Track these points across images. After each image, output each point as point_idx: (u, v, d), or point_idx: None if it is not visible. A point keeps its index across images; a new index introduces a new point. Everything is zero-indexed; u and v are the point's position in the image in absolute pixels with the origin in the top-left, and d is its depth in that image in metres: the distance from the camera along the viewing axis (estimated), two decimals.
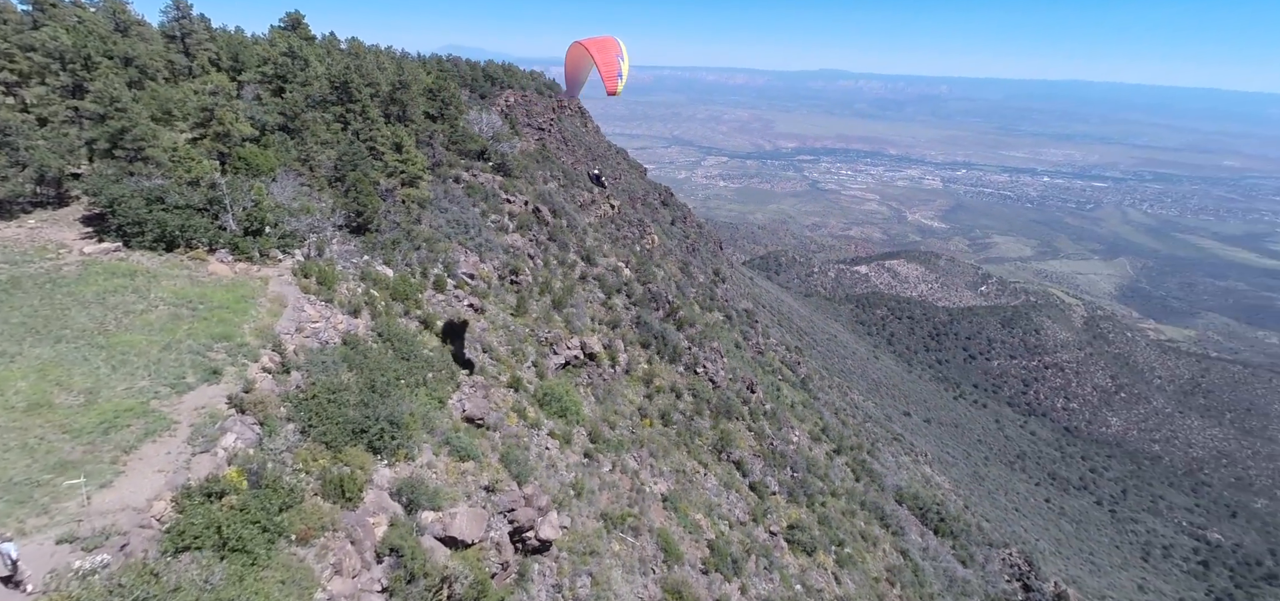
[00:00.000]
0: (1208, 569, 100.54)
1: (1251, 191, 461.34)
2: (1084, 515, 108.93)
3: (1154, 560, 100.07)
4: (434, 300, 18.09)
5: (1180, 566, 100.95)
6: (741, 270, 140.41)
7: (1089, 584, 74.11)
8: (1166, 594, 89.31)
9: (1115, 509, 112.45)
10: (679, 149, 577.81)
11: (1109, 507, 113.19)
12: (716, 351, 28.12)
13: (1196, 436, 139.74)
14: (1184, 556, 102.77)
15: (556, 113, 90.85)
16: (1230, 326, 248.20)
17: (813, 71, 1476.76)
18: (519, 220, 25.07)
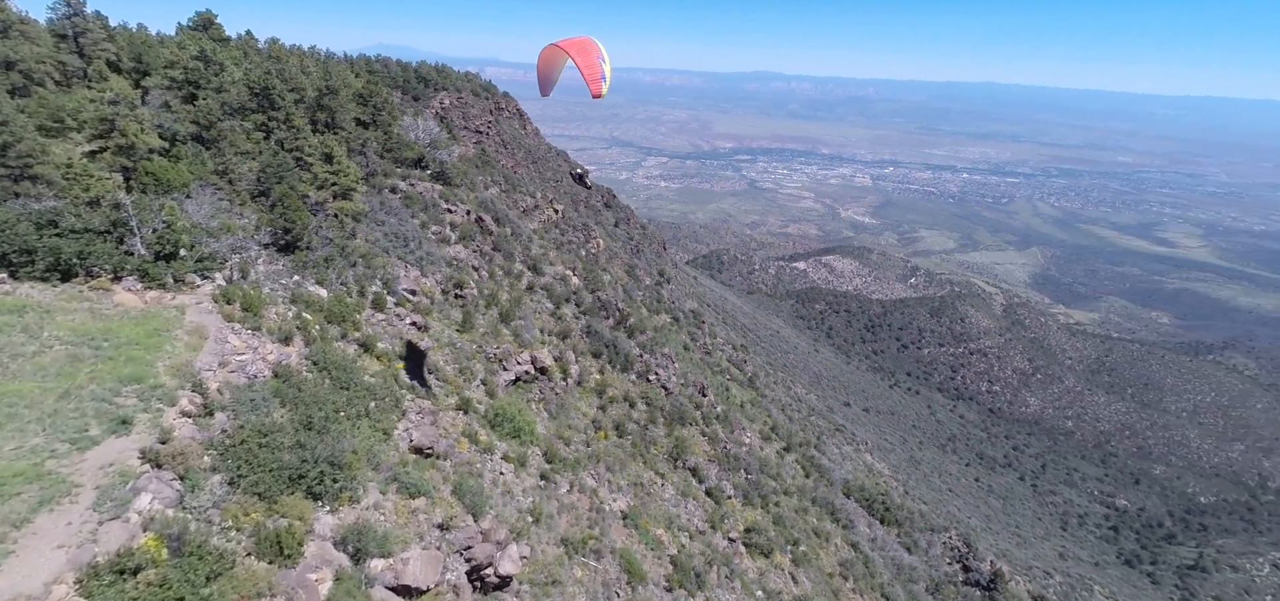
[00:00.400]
0: (1117, 533, 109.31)
1: (1142, 185, 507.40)
2: (1009, 491, 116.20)
3: (1071, 528, 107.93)
4: (374, 320, 17.04)
5: (1094, 532, 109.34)
6: (686, 270, 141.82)
7: (1017, 556, 78.95)
8: (1083, 559, 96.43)
9: (1036, 483, 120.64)
10: (619, 150, 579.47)
11: (1031, 482, 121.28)
12: (668, 357, 28.01)
13: (1103, 411, 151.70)
14: (1097, 523, 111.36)
15: (494, 115, 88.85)
16: (1128, 308, 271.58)
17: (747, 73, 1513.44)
18: (461, 231, 24.11)
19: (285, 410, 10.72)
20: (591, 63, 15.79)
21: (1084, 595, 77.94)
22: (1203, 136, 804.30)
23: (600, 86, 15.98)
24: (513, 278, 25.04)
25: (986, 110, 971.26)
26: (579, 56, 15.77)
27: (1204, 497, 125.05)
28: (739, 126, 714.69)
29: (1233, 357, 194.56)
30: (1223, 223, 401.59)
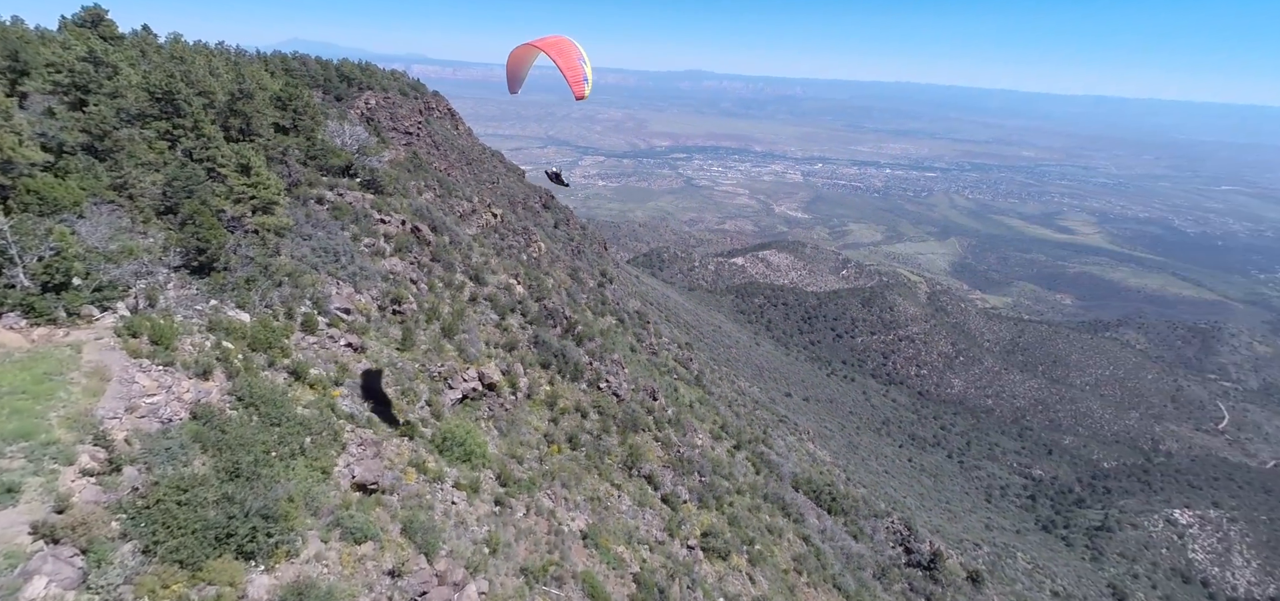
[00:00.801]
0: (1035, 502, 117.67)
1: (1043, 178, 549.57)
2: (939, 468, 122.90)
3: (995, 500, 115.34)
4: (305, 344, 15.74)
5: (1014, 502, 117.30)
6: (627, 269, 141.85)
7: (949, 531, 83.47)
8: (1006, 528, 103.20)
9: (962, 460, 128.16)
10: (555, 149, 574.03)
11: (957, 459, 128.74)
12: (617, 363, 27.62)
13: (1018, 389, 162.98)
14: (1016, 493, 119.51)
15: (424, 115, 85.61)
16: (1036, 292, 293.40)
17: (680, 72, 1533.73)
18: (396, 242, 22.82)
19: (207, 457, 9.57)
20: (573, 64, 15.32)
21: (1009, 562, 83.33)
22: (1093, 132, 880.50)
23: (583, 88, 15.33)
24: (454, 289, 23.94)
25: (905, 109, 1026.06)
26: (559, 57, 15.27)
27: (1107, 463, 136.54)
28: (674, 125, 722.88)
29: (1126, 334, 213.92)
30: (1113, 211, 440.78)
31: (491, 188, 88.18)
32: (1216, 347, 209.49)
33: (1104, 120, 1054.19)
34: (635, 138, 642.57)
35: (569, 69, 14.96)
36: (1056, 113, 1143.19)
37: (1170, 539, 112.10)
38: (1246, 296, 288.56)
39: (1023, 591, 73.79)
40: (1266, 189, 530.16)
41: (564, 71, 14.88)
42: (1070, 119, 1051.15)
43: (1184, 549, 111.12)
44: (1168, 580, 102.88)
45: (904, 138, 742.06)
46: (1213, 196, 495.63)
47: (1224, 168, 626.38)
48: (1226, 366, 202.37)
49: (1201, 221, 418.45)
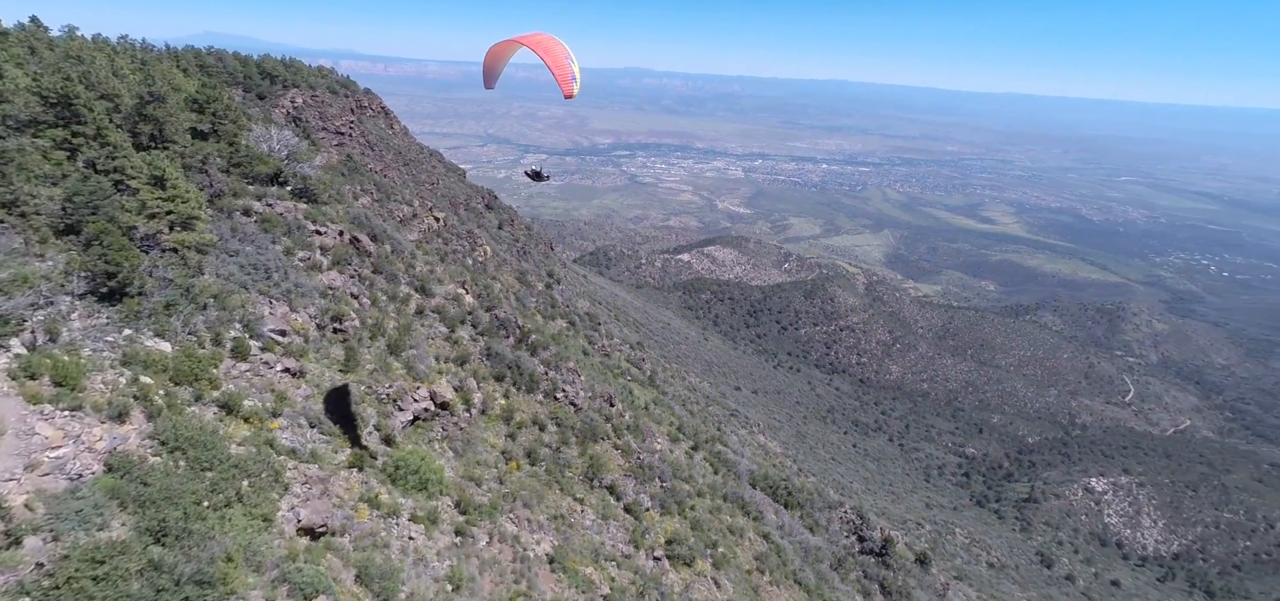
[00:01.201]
0: (969, 479, 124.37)
1: (967, 171, 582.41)
2: (881, 452, 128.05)
3: (933, 479, 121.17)
4: (236, 373, 14.38)
5: (950, 480, 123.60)
6: (574, 269, 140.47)
7: (893, 512, 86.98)
8: (944, 505, 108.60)
9: (902, 443, 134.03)
10: (496, 147, 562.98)
11: (898, 442, 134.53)
12: (573, 371, 27.00)
13: (950, 372, 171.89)
14: (952, 472, 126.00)
15: (356, 114, 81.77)
16: (963, 279, 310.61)
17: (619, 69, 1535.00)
18: (334, 254, 21.39)
19: (128, 517, 8.39)
20: (560, 62, 15.10)
21: (949, 539, 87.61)
22: (1009, 128, 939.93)
23: (572, 87, 15.26)
24: (399, 302, 22.68)
25: (838, 106, 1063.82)
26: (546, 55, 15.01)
27: (1031, 438, 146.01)
28: (616, 122, 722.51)
29: (1043, 316, 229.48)
30: (1028, 201, 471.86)
31: (431, 189, 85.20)
32: (1121, 326, 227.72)
33: (1019, 117, 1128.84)
34: (577, 135, 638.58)
35: (557, 67, 14.71)
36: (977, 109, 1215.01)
37: (1088, 506, 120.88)
38: (1145, 278, 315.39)
39: (962, 566, 77.70)
40: (1159, 179, 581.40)
41: (552, 69, 14.62)
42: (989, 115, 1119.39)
43: (1100, 514, 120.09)
44: (1087, 544, 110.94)
45: (838, 134, 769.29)
46: (1114, 187, 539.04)
47: (1123, 160, 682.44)
48: (1130, 343, 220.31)
49: (1105, 210, 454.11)
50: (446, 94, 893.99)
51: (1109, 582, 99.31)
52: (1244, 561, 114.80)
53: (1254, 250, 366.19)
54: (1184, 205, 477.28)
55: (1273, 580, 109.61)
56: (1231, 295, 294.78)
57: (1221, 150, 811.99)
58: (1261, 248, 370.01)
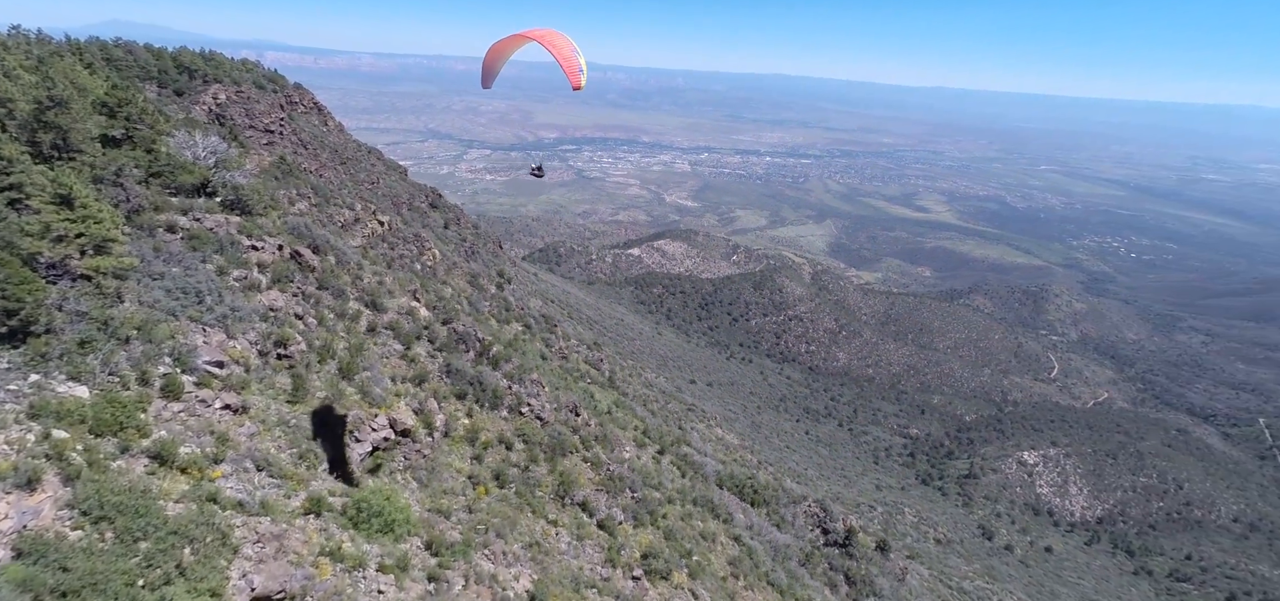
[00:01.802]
0: (914, 459, 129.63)
1: (901, 162, 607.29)
2: (832, 438, 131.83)
3: (881, 462, 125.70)
4: (169, 415, 12.75)
5: (897, 461, 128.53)
6: (525, 267, 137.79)
7: (847, 496, 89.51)
8: (893, 486, 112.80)
9: (851, 427, 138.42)
10: (437, 143, 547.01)
11: (847, 427, 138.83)
12: (537, 383, 25.96)
13: (893, 357, 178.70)
14: (898, 453, 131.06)
15: (286, 111, 77.02)
16: (901, 266, 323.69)
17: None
18: (273, 271, 19.61)
19: None
20: (568, 55, 15.42)
21: (899, 519, 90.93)
22: (940, 120, 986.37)
23: (580, 79, 15.81)
24: (348, 321, 21.08)
25: (779, 100, 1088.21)
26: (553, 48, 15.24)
27: (968, 417, 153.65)
28: (561, 116, 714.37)
29: (975, 299, 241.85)
30: (958, 191, 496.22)
31: (372, 189, 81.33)
32: (1045, 307, 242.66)
33: (948, 110, 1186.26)
34: (521, 130, 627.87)
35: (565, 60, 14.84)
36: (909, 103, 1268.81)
37: (1022, 478, 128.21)
38: (1064, 261, 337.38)
39: (913, 544, 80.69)
40: (1074, 167, 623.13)
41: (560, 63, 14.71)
42: (921, 108, 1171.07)
43: (1032, 485, 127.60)
44: (1022, 514, 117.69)
45: (780, 127, 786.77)
46: (1035, 175, 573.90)
47: (1042, 150, 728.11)
48: (1053, 323, 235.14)
49: (1027, 197, 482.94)
50: (382, 88, 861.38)
51: (1043, 549, 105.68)
52: (1158, 521, 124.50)
53: (1156, 232, 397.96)
54: (1096, 191, 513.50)
55: (1183, 537, 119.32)
56: (1139, 274, 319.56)
57: (1128, 140, 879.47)
58: (1163, 230, 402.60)
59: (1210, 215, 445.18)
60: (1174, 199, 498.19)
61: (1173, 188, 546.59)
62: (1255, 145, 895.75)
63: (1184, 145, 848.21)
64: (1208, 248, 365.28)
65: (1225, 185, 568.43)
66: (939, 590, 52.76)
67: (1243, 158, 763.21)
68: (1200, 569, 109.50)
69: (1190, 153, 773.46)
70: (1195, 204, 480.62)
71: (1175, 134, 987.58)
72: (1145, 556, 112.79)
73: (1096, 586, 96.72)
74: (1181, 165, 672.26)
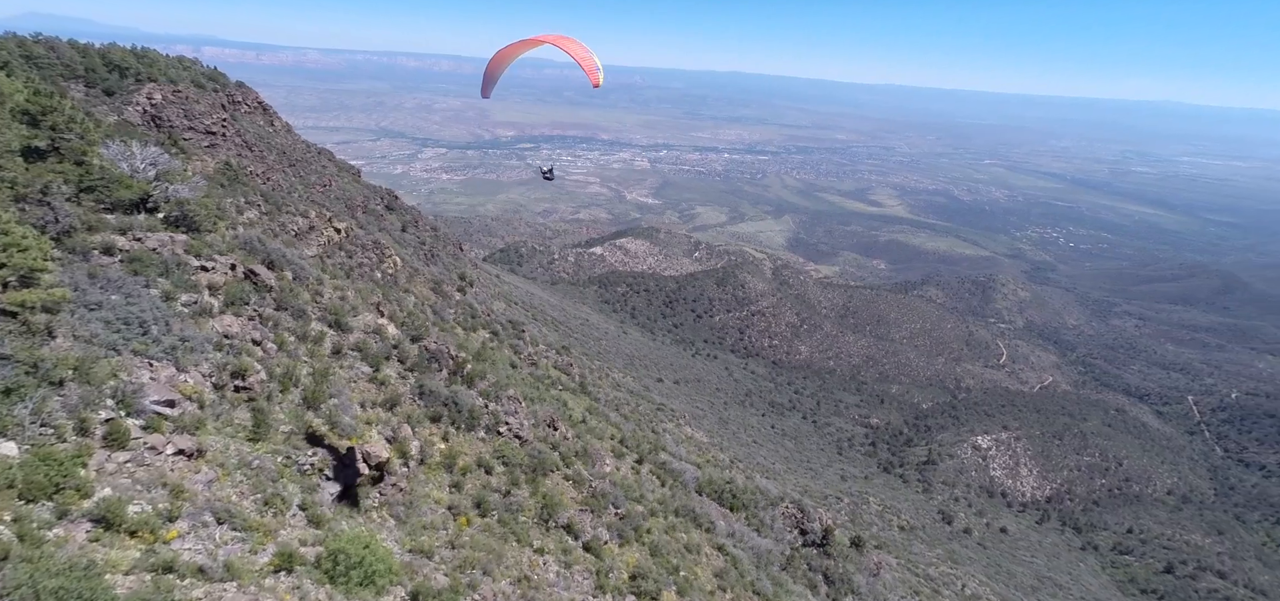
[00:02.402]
0: (875, 448, 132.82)
1: (854, 158, 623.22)
2: (797, 430, 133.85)
3: (845, 452, 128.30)
4: (114, 467, 11.34)
5: (860, 451, 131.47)
6: (486, 269, 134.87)
7: (815, 489, 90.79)
8: (857, 475, 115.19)
9: (815, 420, 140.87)
10: (390, 141, 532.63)
11: (811, 419, 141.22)
12: (514, 399, 24.92)
13: (852, 348, 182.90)
14: (860, 443, 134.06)
15: (229, 111, 72.96)
16: (857, 259, 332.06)
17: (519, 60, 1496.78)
18: (227, 293, 18.04)
19: None
20: (586, 55, 16.07)
21: (865, 508, 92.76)
22: (890, 117, 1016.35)
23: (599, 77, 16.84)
24: (311, 343, 19.62)
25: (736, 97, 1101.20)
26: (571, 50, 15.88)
27: (925, 404, 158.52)
28: (518, 114, 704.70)
29: (928, 290, 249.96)
30: (909, 185, 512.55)
31: (323, 191, 77.91)
32: (992, 296, 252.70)
33: (897, 107, 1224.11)
34: (478, 128, 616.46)
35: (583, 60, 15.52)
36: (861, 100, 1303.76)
37: (976, 462, 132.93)
38: (1008, 251, 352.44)
39: (879, 533, 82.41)
40: (1016, 162, 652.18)
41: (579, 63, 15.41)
42: (872, 105, 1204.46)
43: (987, 468, 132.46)
44: (978, 497, 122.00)
45: (737, 124, 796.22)
46: (979, 169, 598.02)
47: (985, 145, 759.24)
48: (1001, 311, 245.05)
49: (973, 190, 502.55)
50: (331, 85, 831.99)
51: (998, 530, 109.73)
52: (1101, 497, 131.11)
53: (1092, 222, 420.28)
54: (1037, 184, 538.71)
55: (1125, 511, 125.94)
56: (1077, 263, 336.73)
57: (1063, 135, 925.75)
58: (1098, 220, 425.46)
59: (1139, 206, 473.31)
60: (1106, 190, 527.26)
61: (1105, 180, 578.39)
62: (1178, 139, 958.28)
63: (1115, 140, 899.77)
64: (1138, 236, 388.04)
65: (1152, 177, 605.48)
66: (909, 580, 53.90)
67: (1167, 151, 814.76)
68: (1140, 541, 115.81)
69: (1120, 147, 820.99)
70: (1126, 195, 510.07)
71: (1106, 129, 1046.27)
72: (1091, 532, 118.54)
73: (1048, 563, 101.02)
74: (1113, 158, 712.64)
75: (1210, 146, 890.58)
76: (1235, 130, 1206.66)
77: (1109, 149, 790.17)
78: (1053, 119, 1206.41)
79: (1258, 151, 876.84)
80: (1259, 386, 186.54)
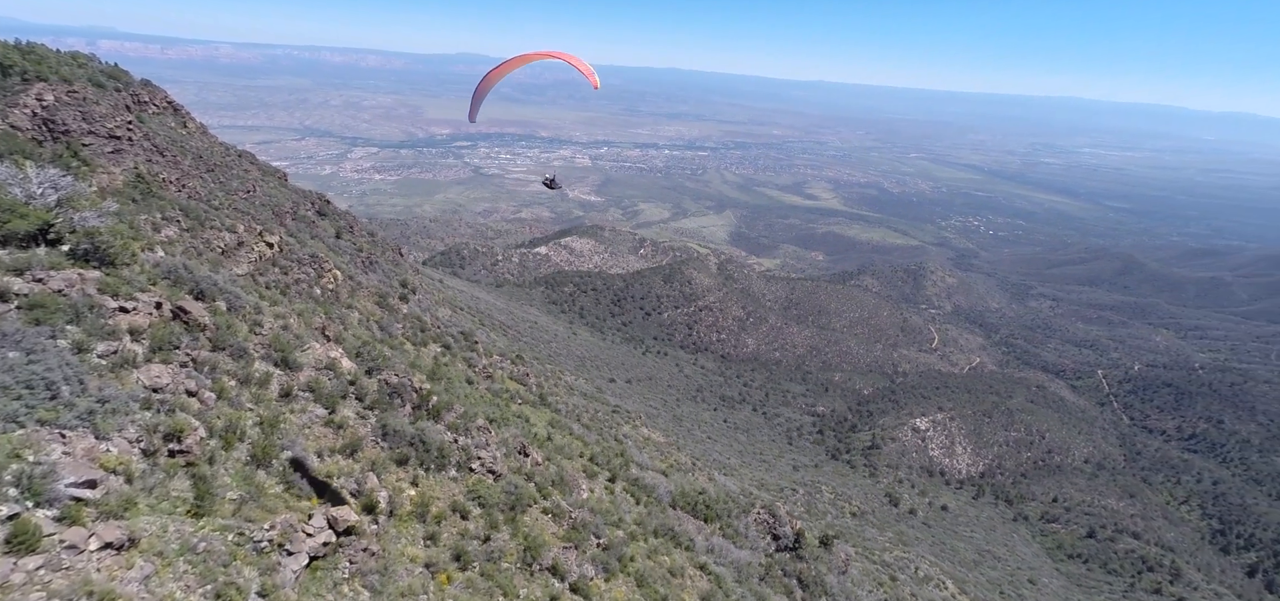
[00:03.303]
0: (823, 435, 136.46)
1: (790, 152, 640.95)
2: (748, 423, 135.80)
3: (795, 441, 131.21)
4: (23, 577, 9.17)
5: (808, 440, 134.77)
6: (428, 273, 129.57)
7: (770, 481, 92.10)
8: (808, 465, 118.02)
9: (765, 411, 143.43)
10: (316, 140, 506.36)
11: (761, 411, 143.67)
12: (484, 429, 23.19)
13: (797, 339, 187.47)
14: (809, 432, 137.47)
15: (134, 112, 66.22)
16: (797, 252, 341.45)
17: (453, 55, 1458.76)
18: (152, 336, 15.57)
19: None
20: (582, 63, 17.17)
21: (819, 497, 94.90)
22: (822, 112, 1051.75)
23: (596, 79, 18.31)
24: (256, 387, 17.32)
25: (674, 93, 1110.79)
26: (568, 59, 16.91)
27: (866, 390, 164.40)
28: (453, 111, 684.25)
29: (864, 280, 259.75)
30: (843, 179, 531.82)
31: (248, 198, 72.10)
32: (923, 283, 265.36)
33: (828, 102, 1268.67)
34: (411, 126, 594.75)
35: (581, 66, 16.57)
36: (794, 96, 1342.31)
37: (917, 444, 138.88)
38: (935, 240, 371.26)
39: (833, 521, 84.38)
40: (939, 155, 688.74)
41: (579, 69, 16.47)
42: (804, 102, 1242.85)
43: (926, 449, 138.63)
44: (920, 478, 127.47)
45: (677, 120, 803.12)
46: (906, 162, 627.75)
47: (911, 139, 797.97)
48: (931, 297, 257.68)
49: (901, 183, 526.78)
50: (248, 81, 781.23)
51: (940, 508, 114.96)
52: (1028, 469, 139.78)
53: (1007, 210, 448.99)
54: (958, 176, 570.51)
55: (1049, 481, 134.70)
56: (996, 249, 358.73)
57: (980, 129, 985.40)
58: (1012, 208, 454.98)
59: (1048, 194, 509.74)
60: (1019, 181, 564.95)
61: (1017, 171, 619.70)
62: (1080, 132, 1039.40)
63: (1025, 133, 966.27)
64: (1048, 223, 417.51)
65: (1058, 167, 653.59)
66: (871, 570, 55.19)
67: (1070, 143, 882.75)
68: (1064, 509, 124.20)
69: (1030, 139, 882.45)
70: (1036, 184, 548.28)
71: (1017, 123, 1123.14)
72: (1021, 503, 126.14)
73: (987, 536, 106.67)
74: (1024, 151, 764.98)
75: (1106, 138, 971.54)
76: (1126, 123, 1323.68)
77: (1020, 142, 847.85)
78: (970, 114, 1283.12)
79: (1146, 143, 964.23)
80: (1157, 358, 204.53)
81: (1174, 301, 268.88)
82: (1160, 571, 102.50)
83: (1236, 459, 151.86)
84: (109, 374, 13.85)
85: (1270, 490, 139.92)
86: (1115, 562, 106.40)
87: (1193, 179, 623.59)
